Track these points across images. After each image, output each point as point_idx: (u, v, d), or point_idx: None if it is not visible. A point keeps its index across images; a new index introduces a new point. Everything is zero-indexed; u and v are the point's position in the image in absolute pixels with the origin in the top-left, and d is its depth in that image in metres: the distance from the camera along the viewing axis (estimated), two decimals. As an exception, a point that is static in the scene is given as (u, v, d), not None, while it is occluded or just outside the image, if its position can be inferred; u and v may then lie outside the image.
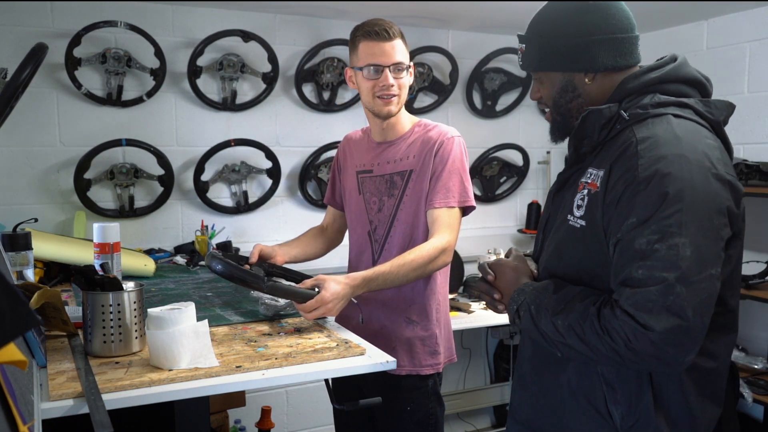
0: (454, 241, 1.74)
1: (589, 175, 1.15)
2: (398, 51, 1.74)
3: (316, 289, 1.60)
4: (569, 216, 1.17)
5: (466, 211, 1.80)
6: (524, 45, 1.24)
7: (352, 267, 1.97)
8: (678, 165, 1.03)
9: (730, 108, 1.20)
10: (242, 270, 1.57)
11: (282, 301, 1.68)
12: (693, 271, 0.99)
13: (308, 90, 3.15)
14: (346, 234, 2.09)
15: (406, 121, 1.88)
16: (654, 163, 1.03)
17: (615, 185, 1.07)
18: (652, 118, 1.11)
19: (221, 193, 3.05)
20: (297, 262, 1.99)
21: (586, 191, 1.14)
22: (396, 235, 1.83)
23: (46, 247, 2.14)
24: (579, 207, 1.14)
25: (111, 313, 1.36)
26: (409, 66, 1.79)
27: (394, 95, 1.76)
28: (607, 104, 1.15)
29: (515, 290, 1.22)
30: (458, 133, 1.83)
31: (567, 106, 1.23)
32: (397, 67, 1.74)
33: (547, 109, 1.28)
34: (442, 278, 1.86)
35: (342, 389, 1.81)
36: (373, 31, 1.73)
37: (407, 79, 1.79)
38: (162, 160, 2.84)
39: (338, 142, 3.17)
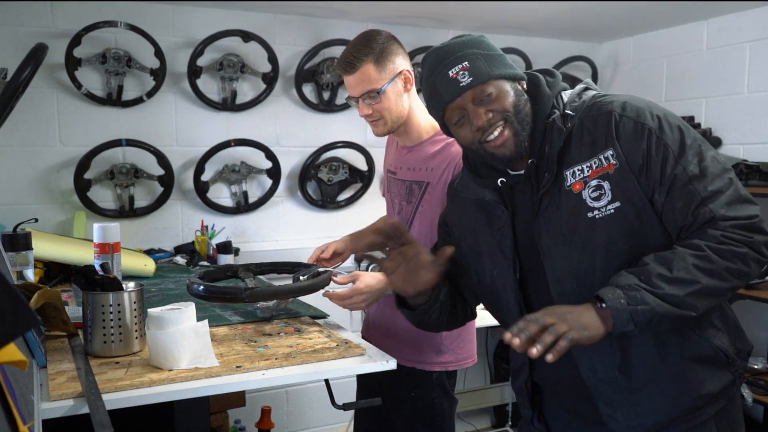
0: None
1: (579, 171, 1.19)
2: (365, 80, 1.67)
3: (301, 278, 1.67)
4: (590, 213, 1.17)
5: None
6: (467, 62, 1.21)
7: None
8: (658, 107, 1.20)
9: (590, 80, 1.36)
10: (219, 289, 1.58)
11: (266, 303, 1.68)
12: (730, 169, 1.17)
13: (308, 90, 3.15)
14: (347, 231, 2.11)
15: (422, 127, 1.79)
16: (650, 113, 1.17)
17: (633, 149, 1.15)
18: (590, 101, 1.23)
19: (221, 193, 3.04)
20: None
21: (596, 181, 1.17)
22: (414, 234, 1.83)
23: (46, 247, 2.14)
24: (600, 197, 1.17)
25: (111, 313, 1.36)
26: (388, 84, 1.68)
27: (376, 120, 1.73)
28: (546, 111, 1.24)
29: (603, 294, 1.10)
30: None
31: (525, 111, 1.22)
32: (368, 95, 1.69)
33: (498, 130, 1.20)
34: None
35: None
36: (340, 65, 1.72)
37: (389, 97, 1.70)
38: (162, 160, 2.84)
39: (338, 142, 3.19)
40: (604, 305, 1.09)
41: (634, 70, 3.59)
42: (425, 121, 1.79)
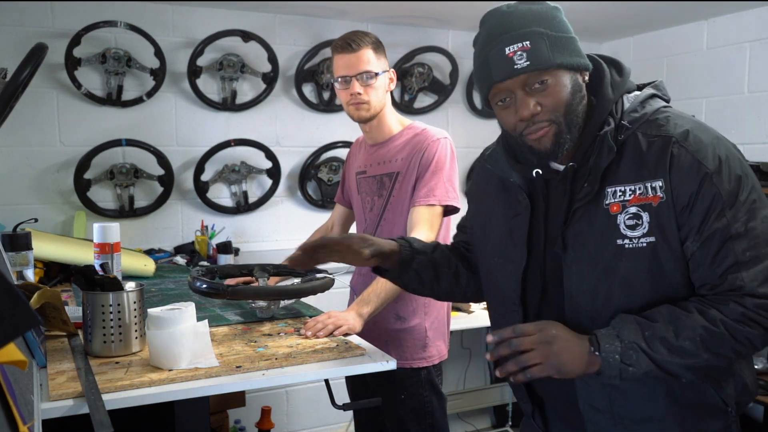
0: (433, 238, 1.78)
1: (621, 193, 1.09)
2: (365, 60, 1.81)
3: (295, 281, 1.71)
4: (621, 240, 1.08)
5: (449, 211, 1.83)
6: (528, 42, 1.07)
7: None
8: (724, 146, 1.07)
9: (662, 82, 1.23)
10: (206, 282, 1.59)
11: (263, 303, 1.68)
12: None
13: (308, 90, 3.15)
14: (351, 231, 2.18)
15: (393, 122, 1.93)
16: (711, 152, 1.05)
17: (683, 187, 1.05)
18: (651, 115, 1.11)
19: (221, 193, 3.04)
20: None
21: (635, 209, 1.07)
22: (383, 234, 1.90)
23: (46, 247, 2.14)
24: (635, 227, 1.08)
25: (111, 313, 1.36)
26: (381, 72, 1.84)
27: (363, 102, 1.84)
28: (605, 119, 1.12)
29: (600, 340, 1.06)
30: (446, 135, 1.88)
31: (577, 111, 1.11)
32: (364, 76, 1.81)
33: (542, 130, 1.10)
34: None
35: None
36: (340, 44, 1.83)
37: (379, 85, 1.84)
38: (162, 160, 2.84)
39: (338, 142, 3.19)
40: (597, 353, 1.06)
41: (634, 70, 3.56)
42: (395, 119, 1.95)
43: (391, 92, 1.92)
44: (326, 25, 3.15)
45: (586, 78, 1.14)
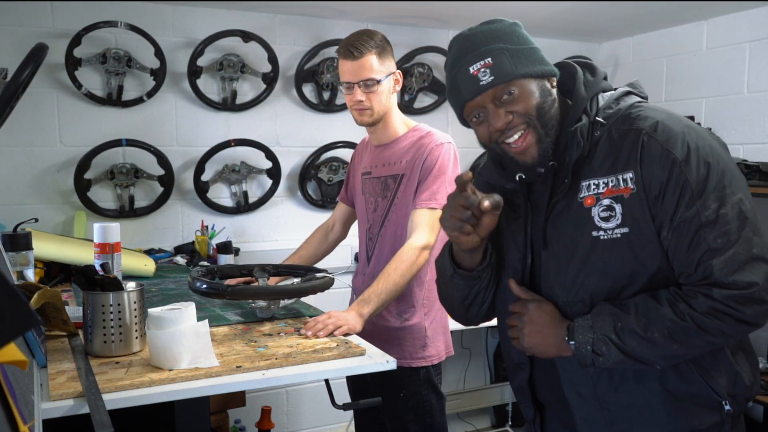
0: (432, 240, 1.79)
1: (594, 186, 1.13)
2: (367, 68, 1.81)
3: (295, 281, 1.72)
4: (596, 232, 1.12)
5: None
6: (489, 59, 1.12)
7: (359, 264, 2.08)
8: (695, 134, 1.10)
9: (638, 81, 1.26)
10: (206, 282, 1.60)
11: (263, 303, 1.68)
12: (755, 218, 1.07)
13: (308, 90, 3.15)
14: (350, 231, 2.21)
15: (398, 124, 1.94)
16: (681, 141, 1.08)
17: (654, 177, 1.08)
18: (625, 111, 1.15)
19: (221, 193, 3.04)
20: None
21: (608, 201, 1.11)
22: (386, 235, 1.92)
23: (46, 247, 2.14)
24: (609, 218, 1.11)
25: (111, 313, 1.36)
26: (385, 78, 1.83)
27: (365, 108, 1.85)
28: (579, 117, 1.16)
29: (574, 331, 1.12)
30: (449, 140, 1.89)
31: (550, 113, 1.14)
32: (366, 83, 1.82)
33: (519, 133, 1.14)
34: (433, 274, 1.88)
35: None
36: (343, 51, 1.83)
37: (382, 91, 1.84)
38: (162, 160, 2.84)
39: (338, 142, 3.19)
40: (571, 342, 1.13)
41: (634, 70, 3.59)
42: (400, 120, 1.94)
43: (397, 93, 1.92)
44: (326, 25, 3.15)
45: (554, 83, 1.17)
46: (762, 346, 2.96)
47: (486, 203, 1.10)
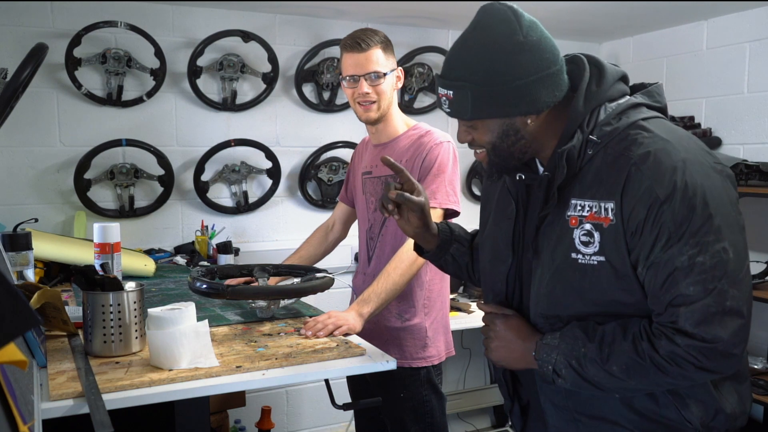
0: None
1: (581, 208, 1.09)
2: (374, 60, 1.81)
3: (295, 281, 1.72)
4: (575, 255, 1.09)
5: (449, 214, 1.84)
6: (451, 92, 1.09)
7: (359, 264, 2.08)
8: (689, 172, 1.01)
9: (658, 87, 1.18)
10: (206, 282, 1.60)
11: (263, 303, 1.68)
12: (737, 269, 1.01)
13: (308, 90, 3.15)
14: (350, 231, 2.20)
15: (399, 123, 1.94)
16: (667, 179, 1.01)
17: (633, 213, 1.03)
18: (623, 131, 1.08)
19: (221, 193, 3.04)
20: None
21: (590, 226, 1.08)
22: (387, 234, 1.91)
23: (46, 247, 2.14)
24: (588, 244, 1.08)
25: (111, 313, 1.36)
26: (389, 72, 1.85)
27: (371, 102, 1.84)
28: (571, 137, 1.11)
29: (540, 348, 1.13)
30: (449, 138, 1.88)
31: (509, 150, 1.13)
32: (372, 76, 1.81)
33: (479, 150, 1.17)
34: (433, 274, 1.89)
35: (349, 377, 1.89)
36: (350, 43, 1.83)
37: (387, 85, 1.85)
38: (162, 160, 2.84)
39: (338, 142, 3.19)
40: (537, 360, 1.14)
41: (634, 70, 3.58)
42: (400, 119, 1.94)
43: (397, 91, 1.93)
44: (326, 25, 3.15)
45: (531, 120, 1.11)
46: (762, 346, 2.96)
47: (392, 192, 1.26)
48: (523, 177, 1.19)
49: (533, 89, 1.07)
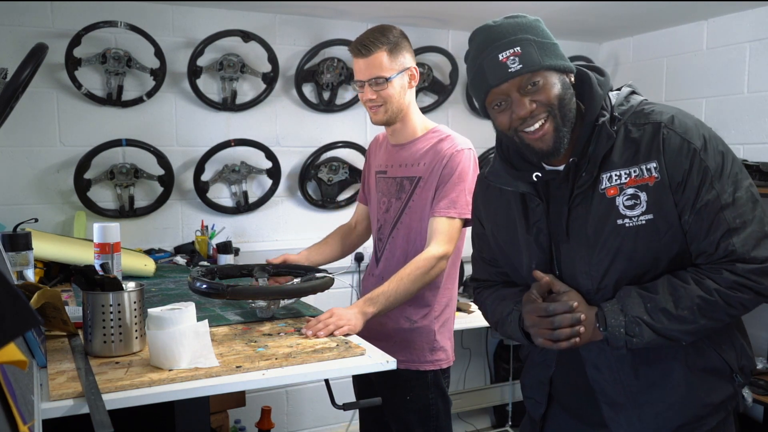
0: (450, 250, 1.78)
1: (617, 177, 1.18)
2: (377, 65, 1.78)
3: (295, 281, 1.72)
4: (621, 221, 1.17)
5: (467, 223, 1.82)
6: (518, 48, 1.17)
7: (369, 264, 2.07)
8: (705, 127, 1.19)
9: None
10: (206, 282, 1.60)
11: (263, 303, 1.68)
12: (761, 199, 1.18)
13: (308, 90, 3.15)
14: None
15: (416, 125, 1.90)
16: (696, 133, 1.16)
17: (677, 166, 1.15)
18: (637, 107, 1.22)
19: (221, 193, 3.04)
20: (322, 264, 2.06)
21: (632, 190, 1.16)
22: (399, 237, 1.89)
23: (46, 247, 2.14)
24: (634, 206, 1.17)
25: (111, 313, 1.36)
26: (396, 75, 1.80)
27: (377, 106, 1.82)
28: (598, 112, 1.21)
29: (605, 316, 1.18)
30: (470, 145, 1.86)
31: (569, 106, 1.19)
32: (376, 81, 1.79)
33: (539, 123, 1.18)
34: (445, 278, 1.88)
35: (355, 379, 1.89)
36: (355, 48, 1.81)
37: (394, 88, 1.81)
38: (162, 160, 2.84)
39: (338, 142, 3.19)
40: (602, 329, 1.18)
41: (634, 70, 3.59)
42: (419, 120, 1.89)
43: (420, 88, 1.88)
44: (326, 25, 3.15)
45: (572, 79, 1.23)
46: (762, 346, 2.96)
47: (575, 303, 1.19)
48: (540, 175, 1.24)
49: (562, 51, 1.23)
